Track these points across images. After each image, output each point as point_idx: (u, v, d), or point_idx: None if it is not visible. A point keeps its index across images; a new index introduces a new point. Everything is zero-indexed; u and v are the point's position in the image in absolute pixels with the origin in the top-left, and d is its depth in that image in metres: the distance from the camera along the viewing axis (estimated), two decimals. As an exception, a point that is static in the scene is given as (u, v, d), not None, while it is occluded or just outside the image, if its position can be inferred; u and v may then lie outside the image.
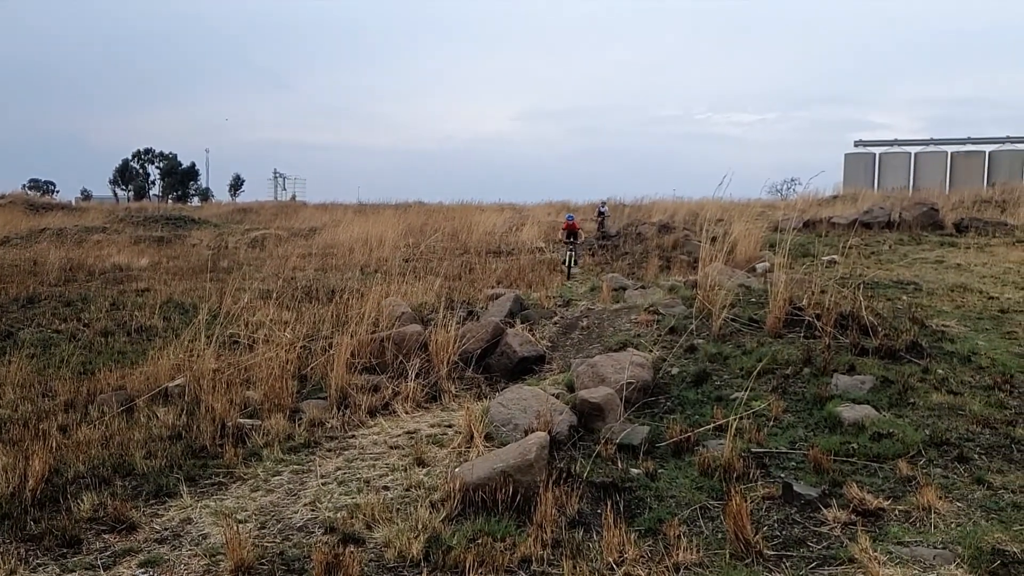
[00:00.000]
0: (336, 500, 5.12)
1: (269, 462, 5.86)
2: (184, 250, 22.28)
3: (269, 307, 10.26)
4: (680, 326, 8.47)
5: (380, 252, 19.03)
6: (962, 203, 24.92)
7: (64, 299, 12.68)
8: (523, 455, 5.01)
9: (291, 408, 7.05)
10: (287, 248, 21.56)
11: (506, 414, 6.46)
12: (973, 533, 4.19)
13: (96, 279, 15.50)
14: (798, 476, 5.12)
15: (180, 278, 15.77)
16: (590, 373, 7.17)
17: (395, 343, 8.74)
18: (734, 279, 10.37)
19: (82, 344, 9.81)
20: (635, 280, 13.94)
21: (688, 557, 4.14)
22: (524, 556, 4.20)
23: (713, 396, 6.76)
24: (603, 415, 6.33)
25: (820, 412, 6.12)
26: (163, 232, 26.76)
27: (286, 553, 4.29)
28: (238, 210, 39.66)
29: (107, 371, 8.15)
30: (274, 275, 15.20)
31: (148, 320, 11.06)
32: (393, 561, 4.21)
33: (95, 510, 4.82)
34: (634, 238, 20.95)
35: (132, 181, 74.82)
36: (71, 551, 4.37)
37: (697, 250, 15.15)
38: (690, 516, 4.73)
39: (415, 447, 6.19)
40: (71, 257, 18.38)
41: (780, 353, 7.31)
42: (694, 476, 5.31)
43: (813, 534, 4.38)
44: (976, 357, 7.21)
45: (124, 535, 4.58)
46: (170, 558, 4.28)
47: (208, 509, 4.98)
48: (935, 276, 12.77)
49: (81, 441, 5.99)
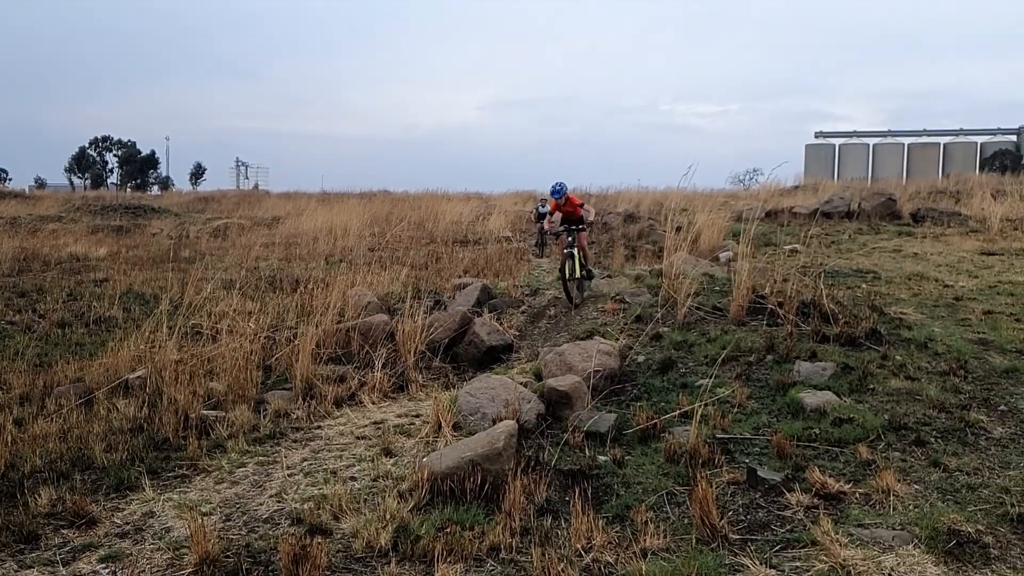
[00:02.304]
0: (303, 491, 5.06)
1: (234, 454, 5.77)
2: (144, 239, 21.79)
3: (232, 297, 10.07)
4: (646, 314, 8.55)
5: (345, 242, 18.83)
6: (919, 194, 25.61)
7: (18, 289, 12.31)
8: (491, 444, 5.02)
9: (256, 399, 6.95)
10: (250, 238, 21.22)
11: (474, 403, 6.45)
12: (930, 514, 4.31)
13: (52, 269, 15.08)
14: (762, 461, 5.21)
15: (140, 268, 15.42)
16: (558, 361, 7.20)
17: (361, 333, 8.67)
18: (698, 268, 10.50)
19: (38, 336, 9.54)
20: (601, 269, 14.02)
21: (655, 542, 4.18)
22: (493, 544, 4.21)
23: (679, 383, 6.84)
24: (571, 403, 6.37)
25: (783, 398, 6.24)
26: (122, 221, 26.14)
27: (252, 545, 4.23)
28: (199, 199, 38.91)
29: (64, 363, 7.94)
30: (237, 265, 14.94)
31: (107, 311, 10.80)
32: (361, 552, 4.18)
33: (53, 505, 4.69)
34: (600, 228, 21.07)
35: (89, 169, 72.81)
36: (28, 547, 4.25)
37: (662, 239, 15.31)
38: (657, 502, 4.78)
39: (382, 437, 6.15)
40: (25, 247, 17.85)
41: (744, 341, 7.43)
42: (660, 462, 5.37)
43: (777, 518, 4.46)
44: (932, 343, 7.42)
45: (84, 530, 4.46)
46: (132, 552, 4.19)
47: (171, 502, 4.88)
48: (893, 265, 13.10)
49: (38, 435, 5.83)
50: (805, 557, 3.98)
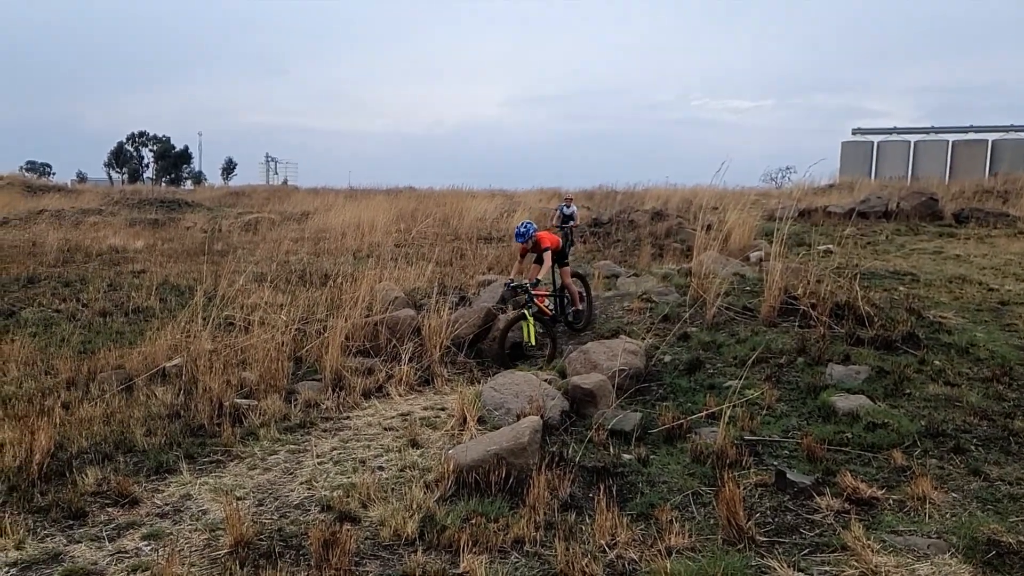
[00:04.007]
0: (332, 479, 5.17)
1: (266, 441, 5.91)
2: (178, 233, 22.21)
3: (264, 290, 10.26)
4: (673, 314, 8.51)
5: (372, 237, 19.00)
6: (962, 193, 24.84)
7: (63, 280, 12.67)
8: (516, 438, 5.06)
9: (287, 389, 7.09)
10: (280, 232, 21.51)
11: (498, 398, 6.50)
12: (968, 523, 4.21)
13: (93, 260, 15.47)
14: (791, 464, 5.17)
15: (175, 260, 15.75)
16: (582, 360, 7.21)
17: (388, 327, 8.78)
18: (728, 267, 10.42)
19: (81, 324, 9.81)
20: (627, 268, 13.95)
21: (680, 541, 4.18)
22: (517, 537, 4.25)
23: (706, 384, 6.80)
24: (595, 401, 6.38)
25: (814, 401, 6.17)
26: (157, 215, 26.67)
27: (284, 530, 4.34)
28: (231, 194, 39.49)
29: (106, 350, 8.17)
30: (268, 258, 15.20)
31: (145, 301, 11.06)
32: (388, 539, 4.25)
33: (99, 484, 4.88)
34: (626, 225, 20.93)
35: (127, 164, 74.34)
36: (77, 523, 4.43)
37: (691, 238, 15.20)
38: (682, 502, 4.77)
39: (409, 429, 6.24)
40: (69, 238, 18.34)
41: (774, 342, 7.36)
42: (686, 463, 5.35)
43: (806, 521, 4.42)
44: (974, 349, 7.22)
45: (127, 509, 4.63)
46: (172, 532, 4.34)
47: (207, 486, 5.03)
48: (933, 267, 12.81)
49: (83, 418, 6.04)
50: (835, 562, 3.94)
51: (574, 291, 9.12)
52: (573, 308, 9.15)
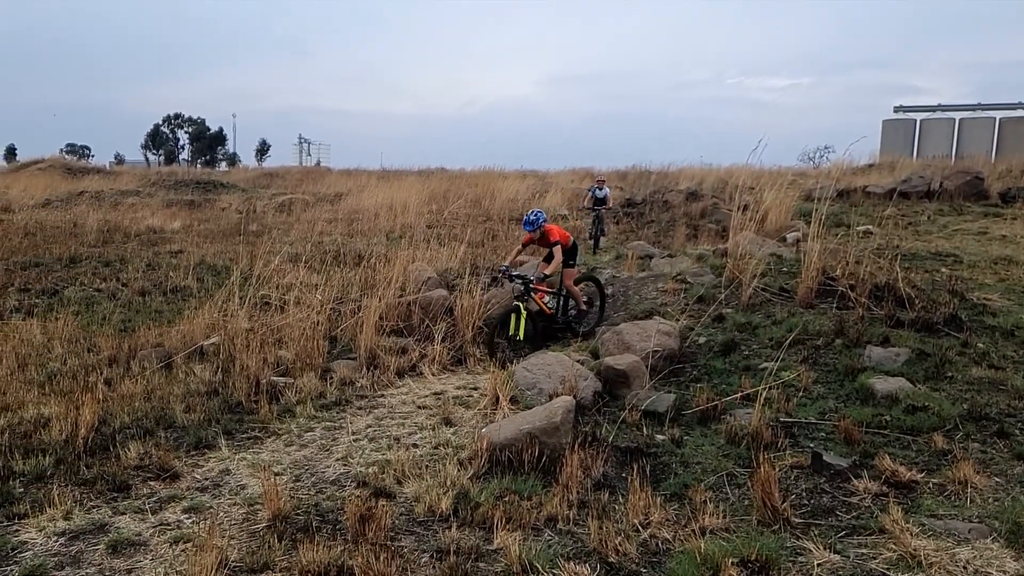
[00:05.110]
0: (367, 456, 5.24)
1: (302, 418, 6.01)
2: (214, 214, 22.55)
3: (299, 270, 10.38)
4: (708, 295, 8.42)
5: (404, 218, 19.08)
6: (1010, 172, 23.95)
7: (103, 259, 12.98)
8: (549, 418, 5.07)
9: (322, 367, 7.19)
10: (314, 213, 21.73)
11: (531, 378, 6.52)
12: (1012, 508, 4.11)
13: (132, 241, 15.81)
14: (828, 447, 5.10)
15: (211, 241, 16.01)
16: (615, 340, 7.19)
17: (422, 307, 8.85)
18: (765, 248, 10.25)
19: (122, 302, 10.05)
20: (661, 248, 13.82)
21: (714, 522, 4.16)
22: (550, 515, 4.27)
23: (741, 366, 6.73)
24: (628, 382, 6.36)
25: (852, 384, 6.07)
26: (193, 196, 27.11)
27: (321, 505, 4.41)
28: (265, 175, 39.91)
29: (146, 329, 8.37)
30: (302, 239, 15.37)
31: (182, 281, 11.28)
32: (423, 515, 4.31)
33: (141, 459, 5.00)
34: (660, 206, 20.72)
35: (163, 146, 75.63)
36: (121, 495, 4.55)
37: (726, 218, 14.99)
38: (716, 483, 4.74)
39: (442, 407, 6.30)
40: (108, 219, 18.76)
41: (811, 324, 7.24)
42: (720, 444, 5.32)
43: (842, 504, 4.37)
44: (1020, 331, 7.01)
45: (168, 483, 4.75)
46: (212, 506, 4.44)
47: (245, 461, 5.13)
48: (977, 248, 12.44)
49: (125, 394, 6.20)
50: (872, 544, 3.88)
51: (576, 293, 8.71)
52: (576, 310, 8.81)
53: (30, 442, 5.20)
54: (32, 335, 8.01)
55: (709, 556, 3.66)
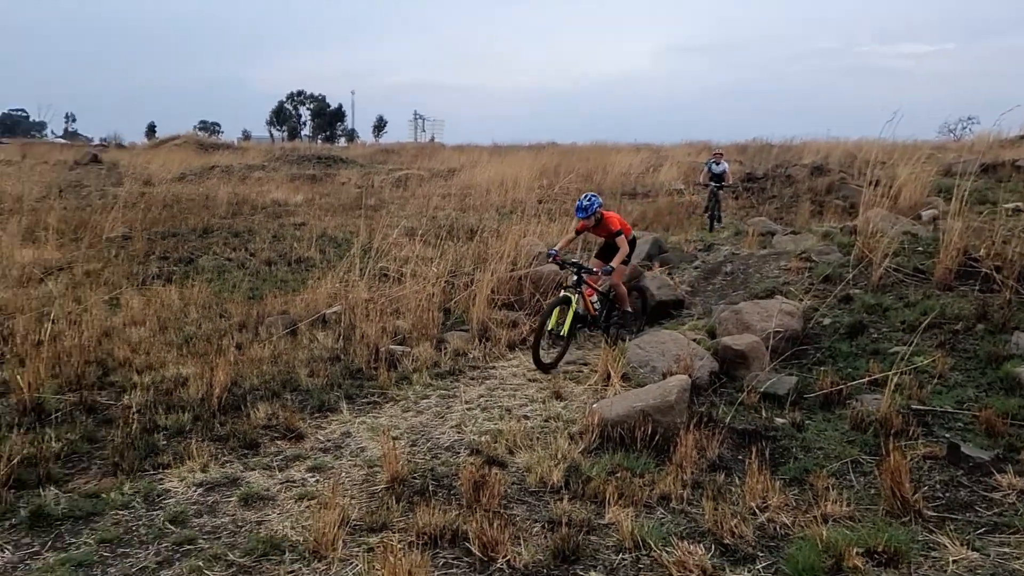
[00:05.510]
0: (480, 425, 5.36)
1: (418, 386, 6.22)
2: (334, 188, 23.48)
3: (415, 244, 10.67)
4: (835, 274, 7.98)
5: (515, 193, 19.16)
6: None
7: (233, 231, 13.81)
8: (664, 396, 4.99)
9: (436, 338, 7.40)
10: (428, 188, 22.20)
11: (643, 356, 6.43)
12: None
13: (259, 213, 16.71)
14: (966, 438, 4.75)
15: (332, 214, 16.69)
16: (734, 320, 6.96)
17: (532, 282, 8.91)
18: (898, 226, 9.57)
19: (250, 271, 10.68)
20: (784, 225, 13.24)
21: (837, 509, 3.99)
22: (663, 493, 4.23)
23: (869, 349, 6.37)
24: (747, 363, 6.16)
25: (995, 372, 5.61)
26: (315, 171, 28.31)
27: (436, 470, 4.55)
28: (381, 151, 41.13)
29: (272, 297, 8.85)
30: (417, 214, 15.77)
31: (305, 252, 11.85)
32: (535, 486, 4.36)
33: (269, 419, 5.32)
34: (783, 180, 19.77)
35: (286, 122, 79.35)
36: (251, 452, 4.86)
37: (855, 194, 14.12)
38: (840, 469, 4.54)
39: (552, 381, 6.34)
40: (237, 192, 19.90)
41: (949, 307, 6.72)
42: (845, 430, 5.09)
43: (982, 499, 4.07)
44: None
45: (294, 442, 5.04)
46: (334, 466, 4.67)
47: (365, 425, 5.37)
48: None
49: (254, 358, 6.59)
50: (1016, 544, 3.60)
51: (623, 294, 7.55)
52: (620, 310, 7.63)
53: (171, 399, 5.63)
54: (171, 300, 8.63)
55: (832, 544, 3.52)
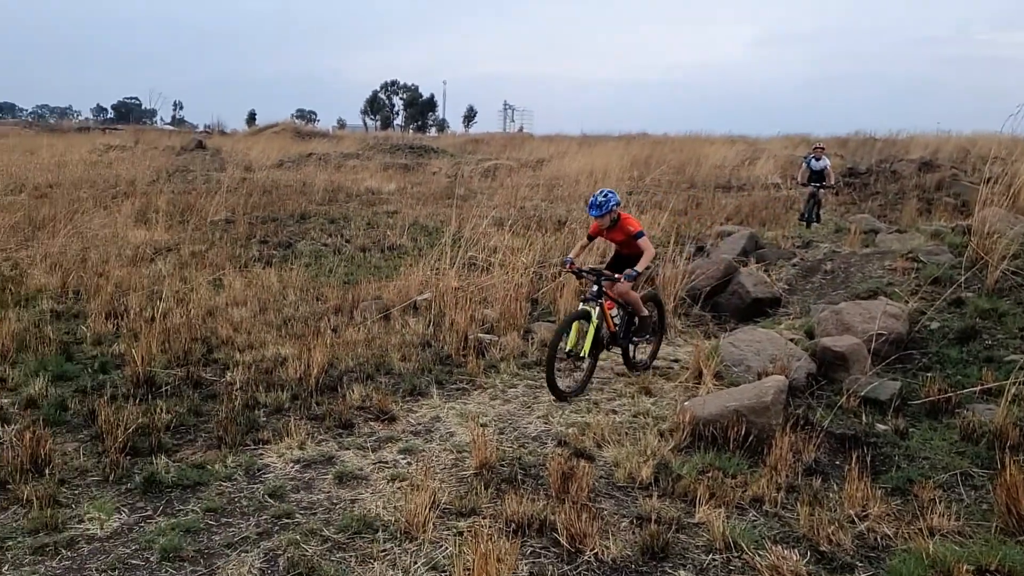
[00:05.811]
0: (567, 417, 5.37)
1: (505, 375, 6.28)
2: (425, 177, 23.93)
3: (503, 234, 10.74)
4: (945, 276, 7.53)
5: (605, 184, 18.99)
6: None
7: (329, 217, 14.31)
8: (759, 396, 4.86)
9: (524, 328, 7.44)
10: (516, 178, 22.29)
11: (737, 354, 6.27)
12: None
13: (353, 200, 17.24)
14: (1092, 456, 4.40)
15: (423, 203, 17.02)
16: (833, 320, 6.70)
17: (623, 274, 8.79)
18: (1018, 227, 8.91)
19: (345, 257, 11.04)
20: (888, 223, 12.60)
21: (944, 523, 3.80)
22: (756, 495, 4.13)
23: (982, 356, 6.00)
24: (847, 366, 5.92)
25: None
26: (407, 160, 28.92)
27: (523, 459, 4.60)
28: (471, 141, 41.60)
29: (366, 282, 9.13)
30: (506, 204, 15.86)
31: (398, 239, 12.14)
32: (623, 481, 4.34)
33: (363, 400, 5.50)
34: (887, 176, 18.80)
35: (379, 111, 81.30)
36: (345, 432, 5.04)
37: (968, 192, 13.27)
38: (948, 481, 4.32)
39: (641, 377, 6.27)
40: (332, 180, 20.59)
41: (1076, 314, 6.24)
42: (953, 440, 4.84)
43: (1109, 522, 3.77)
44: None
45: (386, 424, 5.19)
46: (424, 449, 4.79)
47: (454, 410, 5.48)
48: None
49: (349, 341, 6.82)
50: None
51: (637, 301, 6.36)
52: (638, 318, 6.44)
53: (271, 378, 5.89)
54: (270, 282, 9.03)
55: (939, 559, 3.36)
